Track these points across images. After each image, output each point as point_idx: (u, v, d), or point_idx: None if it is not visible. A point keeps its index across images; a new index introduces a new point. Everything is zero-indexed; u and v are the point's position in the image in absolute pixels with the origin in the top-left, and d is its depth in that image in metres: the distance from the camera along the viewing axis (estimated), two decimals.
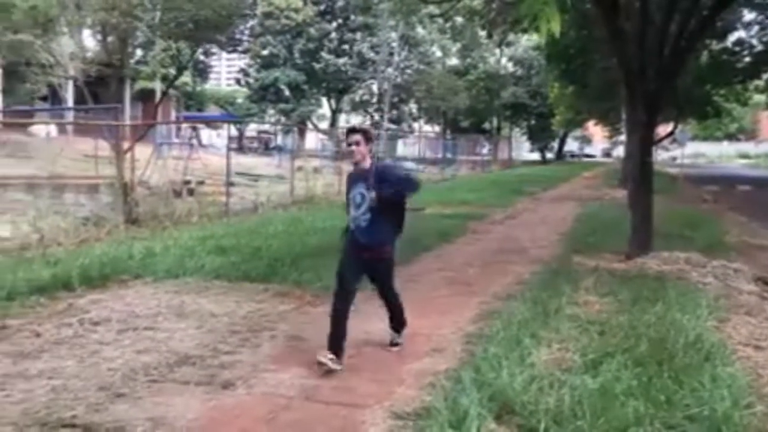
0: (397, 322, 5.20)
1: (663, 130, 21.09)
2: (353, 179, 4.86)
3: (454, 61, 52.60)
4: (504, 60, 52.21)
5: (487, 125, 55.87)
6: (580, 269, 7.83)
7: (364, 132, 4.83)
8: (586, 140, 78.70)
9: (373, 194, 4.63)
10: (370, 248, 4.73)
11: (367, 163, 4.77)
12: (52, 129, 24.31)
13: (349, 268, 4.74)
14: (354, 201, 4.78)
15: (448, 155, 36.55)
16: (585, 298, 6.25)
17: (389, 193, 4.64)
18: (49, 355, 4.67)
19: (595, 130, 61.76)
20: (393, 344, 5.16)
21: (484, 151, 51.52)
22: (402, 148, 41.78)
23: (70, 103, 25.18)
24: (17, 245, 8.57)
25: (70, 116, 22.73)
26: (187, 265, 7.41)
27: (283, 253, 8.23)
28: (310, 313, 6.06)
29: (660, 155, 42.98)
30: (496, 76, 50.45)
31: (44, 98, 26.19)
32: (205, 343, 4.97)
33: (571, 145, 73.98)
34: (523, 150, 62.78)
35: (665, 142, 29.62)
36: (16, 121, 17.44)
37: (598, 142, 74.73)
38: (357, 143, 4.71)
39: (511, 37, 33.98)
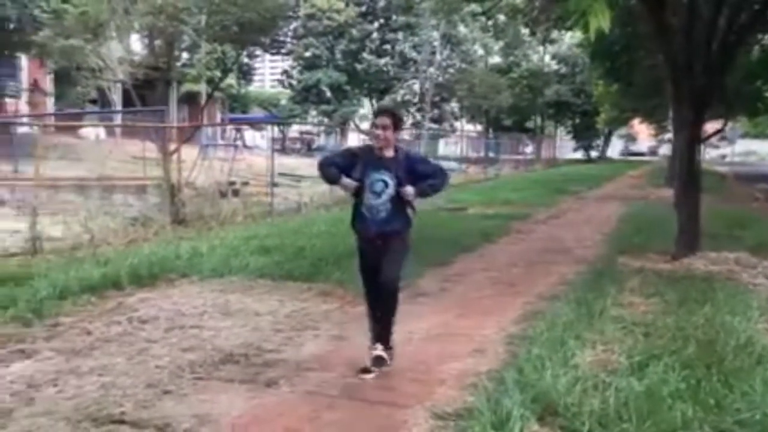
0: (386, 327, 4.56)
1: (711, 127, 20.50)
2: (371, 163, 4.46)
3: (496, 60, 52.20)
4: (547, 58, 51.58)
5: (530, 124, 55.29)
6: (625, 270, 7.71)
7: (394, 116, 4.50)
8: (631, 138, 77.26)
9: (409, 190, 4.40)
10: (388, 236, 4.48)
11: (390, 151, 4.46)
12: (101, 131, 24.89)
13: (370, 263, 4.54)
14: (372, 188, 4.43)
15: (491, 154, 36.29)
16: (630, 300, 6.15)
17: (426, 187, 4.48)
18: (99, 352, 4.79)
19: (641, 128, 60.59)
20: (375, 362, 4.46)
21: (528, 150, 51.01)
22: (443, 148, 41.62)
23: (119, 106, 25.78)
24: (69, 245, 8.81)
25: (118, 119, 23.24)
26: (232, 265, 7.53)
27: (326, 253, 8.29)
28: (352, 312, 6.08)
29: (708, 153, 41.96)
30: (540, 74, 49.87)
31: (94, 101, 26.82)
32: (250, 341, 5.04)
33: (617, 144, 72.75)
34: (567, 149, 61.93)
35: (714, 140, 28.89)
36: (67, 123, 17.93)
37: (644, 140, 73.23)
38: (385, 127, 4.38)
39: (554, 34, 33.60)
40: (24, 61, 26.28)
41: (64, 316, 5.68)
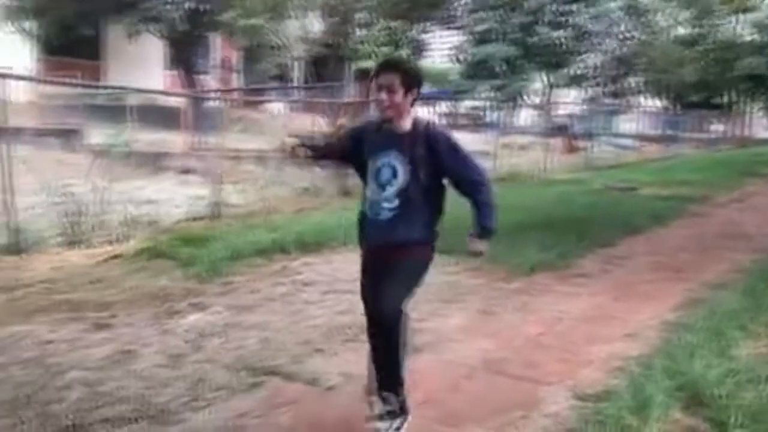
0: (389, 372, 3.14)
1: None
2: (376, 142, 3.11)
3: (681, 31, 48.53)
4: (740, 27, 47.05)
5: (718, 100, 50.94)
6: None
7: (403, 72, 2.99)
8: None
9: (479, 247, 3.23)
10: (394, 247, 3.08)
11: (406, 123, 3.06)
12: (282, 106, 26.42)
13: (368, 287, 3.23)
14: (377, 177, 3.08)
15: (672, 132, 34.02)
16: None
17: (490, 222, 3.17)
18: (263, 309, 5.23)
19: None
20: (380, 416, 3.12)
21: (713, 128, 47.13)
22: (619, 124, 39.60)
23: (297, 82, 27.18)
24: (246, 212, 9.53)
25: (297, 95, 24.51)
26: None
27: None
28: (503, 289, 6.11)
29: None
30: (732, 45, 45.66)
31: (278, 77, 28.43)
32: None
33: None
34: (762, 128, 56.44)
35: None
36: (250, 98, 19.25)
37: None
38: (391, 88, 2.95)
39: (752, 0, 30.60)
40: (215, 40, 28.38)
41: (236, 275, 6.22)
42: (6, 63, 14.74)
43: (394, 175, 3.03)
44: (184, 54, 23.38)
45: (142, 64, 23.91)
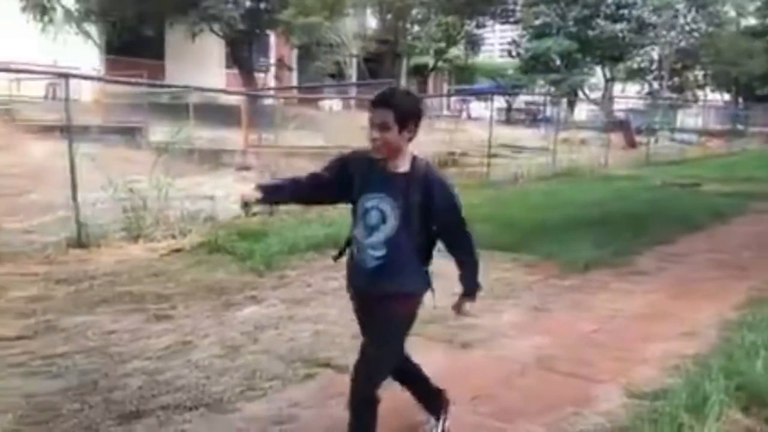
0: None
1: None
2: (368, 180, 2.75)
3: (750, 21, 46.82)
4: None
5: None
6: None
7: (397, 107, 2.62)
8: None
9: (467, 308, 3.06)
10: (381, 298, 2.78)
11: (402, 163, 2.72)
12: (336, 103, 26.64)
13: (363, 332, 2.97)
14: (366, 219, 2.74)
15: (736, 126, 32.92)
16: None
17: (473, 282, 3.00)
18: (315, 302, 5.31)
19: None
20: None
21: None
22: (682, 119, 38.54)
23: (353, 79, 27.37)
24: (301, 207, 9.65)
25: (353, 92, 24.67)
26: None
27: (536, 225, 8.24)
28: (557, 285, 6.05)
29: None
30: None
31: (332, 75, 28.73)
32: (450, 305, 5.23)
33: None
34: None
35: None
36: (304, 96, 19.47)
37: None
38: (384, 126, 2.62)
39: None
40: (272, 38, 28.80)
41: (290, 269, 6.34)
42: (73, 64, 15.32)
43: (383, 220, 2.71)
44: (242, 52, 23.80)
45: (202, 63, 24.49)
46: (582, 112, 36.53)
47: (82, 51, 20.20)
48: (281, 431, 3.23)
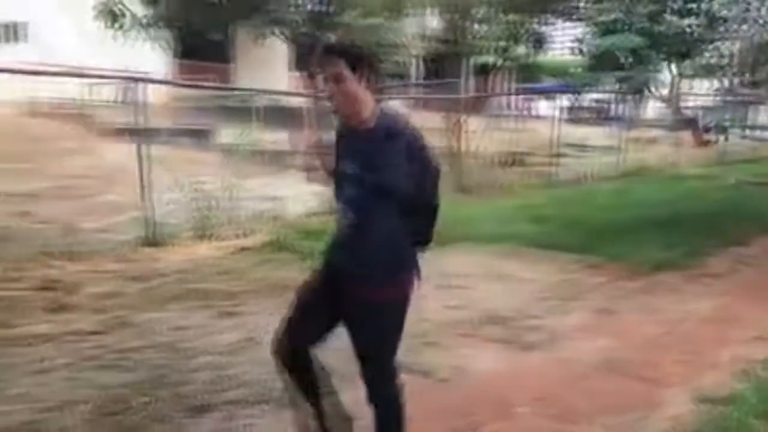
0: None
1: None
2: (341, 147, 2.54)
3: None
4: None
5: None
6: None
7: (347, 53, 2.40)
8: None
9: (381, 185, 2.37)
10: (350, 277, 2.48)
11: (367, 117, 2.41)
12: (398, 104, 26.64)
13: (306, 307, 2.70)
14: (339, 188, 2.53)
15: None
16: None
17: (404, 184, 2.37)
18: None
19: None
20: None
21: None
22: (756, 116, 36.98)
23: (415, 80, 27.35)
24: None
25: (414, 92, 24.62)
26: (504, 232, 7.72)
27: (601, 225, 8.08)
28: (624, 287, 5.91)
29: None
30: None
31: (395, 75, 28.73)
32: (513, 306, 5.20)
33: None
34: None
35: None
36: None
37: None
38: (338, 77, 2.37)
39: None
40: (334, 40, 29.01)
41: None
42: (144, 68, 15.82)
43: (352, 185, 2.42)
44: (306, 55, 24.11)
45: (268, 66, 24.90)
46: (650, 109, 35.46)
47: (152, 56, 20.84)
48: None
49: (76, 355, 4.09)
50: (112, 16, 19.39)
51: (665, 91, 38.78)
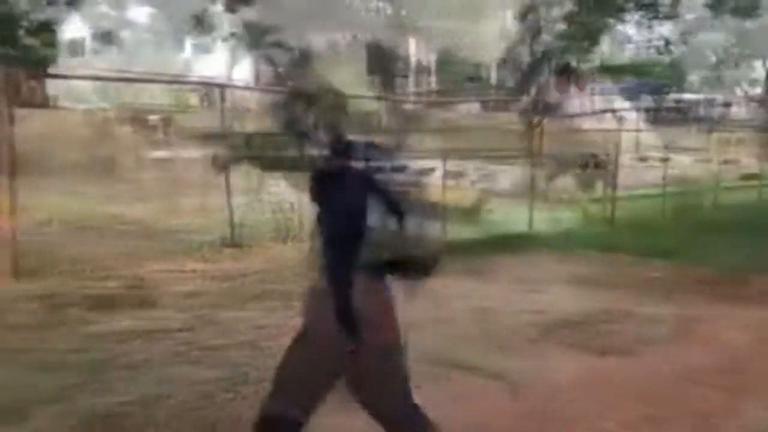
0: None
1: None
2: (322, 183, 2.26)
3: None
4: None
5: None
6: None
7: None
8: None
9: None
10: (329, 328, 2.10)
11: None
12: (475, 106, 26.48)
13: (300, 369, 2.30)
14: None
15: None
16: None
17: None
18: (450, 305, 5.36)
19: None
20: None
21: None
22: None
23: (493, 82, 27.13)
24: None
25: (492, 94, 24.48)
26: (579, 237, 7.67)
27: (689, 229, 7.91)
28: (710, 293, 5.77)
29: None
30: None
31: (471, 78, 28.57)
32: (586, 311, 5.15)
33: None
34: None
35: None
36: (445, 99, 19.60)
37: None
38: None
39: None
40: (411, 43, 29.11)
41: None
42: (230, 75, 16.38)
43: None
44: (383, 58, 24.30)
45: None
46: (741, 110, 33.98)
47: (236, 63, 21.52)
48: None
49: (166, 352, 4.27)
50: (200, 28, 20.06)
51: (758, 90, 37.08)
